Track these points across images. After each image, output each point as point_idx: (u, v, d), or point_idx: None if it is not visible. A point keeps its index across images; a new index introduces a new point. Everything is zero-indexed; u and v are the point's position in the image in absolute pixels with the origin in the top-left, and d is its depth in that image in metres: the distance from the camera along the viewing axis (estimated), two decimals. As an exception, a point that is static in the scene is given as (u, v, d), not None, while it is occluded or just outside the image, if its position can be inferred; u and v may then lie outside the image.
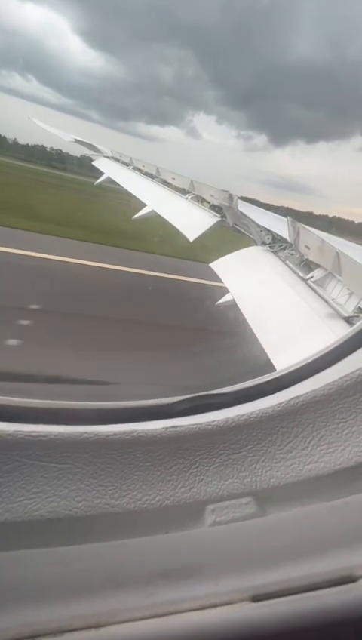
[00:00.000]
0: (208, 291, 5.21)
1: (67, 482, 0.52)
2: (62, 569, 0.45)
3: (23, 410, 0.57)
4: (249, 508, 0.56)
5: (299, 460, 0.60)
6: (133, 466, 0.55)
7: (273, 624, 0.40)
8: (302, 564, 0.45)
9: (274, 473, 0.59)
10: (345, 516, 0.53)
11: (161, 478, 0.56)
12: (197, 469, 0.58)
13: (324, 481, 0.58)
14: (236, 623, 0.39)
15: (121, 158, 8.26)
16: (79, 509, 0.52)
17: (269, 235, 3.78)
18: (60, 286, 6.16)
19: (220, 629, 0.39)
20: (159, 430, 0.57)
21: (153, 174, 6.63)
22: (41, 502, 0.50)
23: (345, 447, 0.59)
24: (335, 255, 2.66)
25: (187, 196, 5.30)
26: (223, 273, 3.51)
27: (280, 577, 0.43)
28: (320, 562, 0.45)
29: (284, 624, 0.40)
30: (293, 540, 0.50)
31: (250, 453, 0.60)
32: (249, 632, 0.39)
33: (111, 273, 7.50)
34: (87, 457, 0.54)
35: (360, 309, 2.37)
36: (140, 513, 0.54)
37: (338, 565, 0.44)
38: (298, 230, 3.24)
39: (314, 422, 0.61)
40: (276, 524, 0.55)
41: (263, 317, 2.67)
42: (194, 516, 0.55)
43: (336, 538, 0.49)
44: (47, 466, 0.52)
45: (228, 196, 4.37)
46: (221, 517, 0.55)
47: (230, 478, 0.58)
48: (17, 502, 0.50)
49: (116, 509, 0.53)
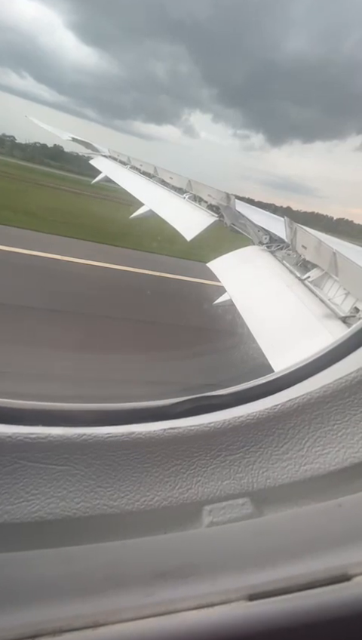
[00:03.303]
0: (205, 291, 5.22)
1: (66, 484, 0.53)
2: (61, 569, 0.45)
3: (22, 412, 0.57)
4: (245, 508, 0.57)
5: (294, 461, 0.60)
6: (131, 467, 0.56)
7: (269, 622, 0.40)
8: (297, 563, 0.45)
9: (271, 474, 0.60)
10: (339, 516, 0.54)
11: (159, 479, 0.57)
12: (195, 470, 0.58)
13: (319, 482, 0.59)
14: (233, 622, 0.40)
15: (119, 157, 8.24)
16: (78, 510, 0.52)
17: (267, 235, 3.79)
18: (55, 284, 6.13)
19: (217, 627, 0.39)
20: (157, 432, 0.58)
21: (151, 173, 6.62)
22: (39, 503, 0.51)
23: (339, 449, 0.60)
24: (332, 255, 2.68)
25: (184, 196, 5.30)
26: (221, 273, 3.52)
27: (276, 576, 0.44)
28: (315, 561, 0.45)
29: (280, 622, 0.40)
30: (289, 540, 0.51)
31: (246, 454, 0.60)
32: (245, 631, 0.40)
33: (109, 272, 7.49)
34: (85, 459, 0.54)
35: (356, 308, 2.39)
36: (138, 514, 0.54)
37: (333, 564, 0.45)
38: (295, 230, 3.25)
39: (309, 423, 0.62)
40: (272, 524, 0.55)
41: (260, 317, 2.68)
42: (191, 517, 0.56)
43: (331, 538, 0.49)
44: (45, 468, 0.52)
45: (225, 196, 4.37)
46: (218, 517, 0.56)
47: (227, 479, 0.59)
48: (16, 503, 0.50)
49: (114, 509, 0.54)
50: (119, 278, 7.27)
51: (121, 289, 6.81)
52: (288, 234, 3.39)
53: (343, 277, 2.61)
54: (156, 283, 7.43)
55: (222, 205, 4.42)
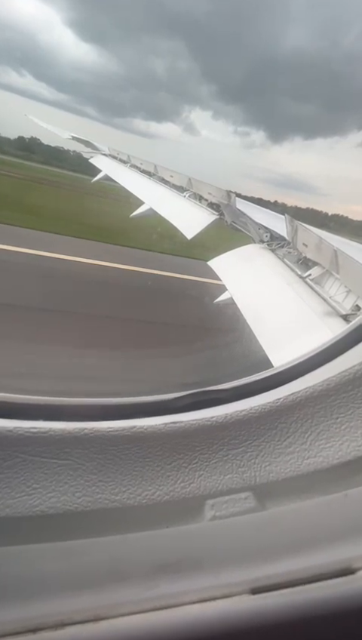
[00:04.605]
0: (206, 289, 5.21)
1: (67, 478, 0.53)
2: (63, 563, 0.45)
3: (23, 407, 0.57)
4: (248, 502, 0.56)
5: (297, 454, 0.60)
6: (133, 461, 0.56)
7: (272, 616, 0.40)
8: (300, 556, 0.45)
9: (273, 468, 0.59)
10: (342, 510, 0.54)
11: (161, 473, 0.56)
12: (197, 464, 0.58)
13: (322, 476, 0.59)
14: (236, 615, 0.40)
15: (119, 155, 8.24)
16: (79, 505, 0.52)
17: (267, 232, 3.78)
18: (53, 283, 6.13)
19: (220, 621, 0.39)
20: (159, 426, 0.57)
21: (151, 172, 6.61)
22: (41, 497, 0.51)
23: (343, 442, 0.59)
24: (332, 253, 2.67)
25: (185, 194, 5.30)
26: (221, 271, 3.52)
27: (278, 570, 0.43)
28: (318, 555, 0.45)
29: (283, 616, 0.40)
30: (292, 534, 0.50)
31: (249, 448, 0.60)
32: (248, 624, 0.39)
33: (109, 271, 7.49)
34: (87, 453, 0.54)
35: (357, 306, 2.39)
36: (140, 508, 0.54)
37: (336, 558, 0.45)
38: (296, 228, 3.24)
39: (312, 417, 0.61)
40: (275, 518, 0.55)
41: (261, 315, 2.68)
42: (193, 511, 0.56)
43: (334, 531, 0.49)
44: (47, 462, 0.52)
45: (225, 194, 4.37)
46: (220, 511, 0.55)
47: (229, 473, 0.58)
48: (18, 497, 0.50)
49: (116, 504, 0.53)
50: (118, 277, 7.27)
51: (121, 288, 6.82)
52: (289, 232, 3.39)
53: (344, 275, 2.60)
54: (156, 282, 7.43)
55: (223, 203, 4.41)
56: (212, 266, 3.64)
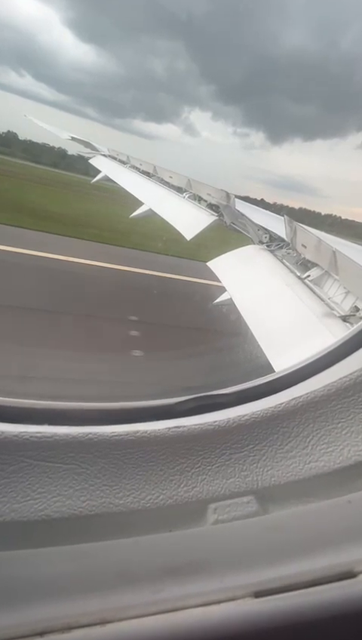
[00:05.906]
0: (205, 290, 5.21)
1: (72, 482, 0.53)
2: (68, 567, 0.46)
3: (28, 412, 0.57)
4: (250, 506, 0.57)
5: (299, 459, 0.61)
6: (136, 465, 0.56)
7: (275, 619, 0.41)
8: (302, 560, 0.46)
9: (275, 472, 0.60)
10: (344, 514, 0.54)
11: (164, 477, 0.57)
12: (200, 468, 0.59)
13: (324, 480, 0.60)
14: (239, 619, 0.40)
15: (118, 156, 8.24)
16: (84, 509, 0.52)
17: (266, 234, 3.79)
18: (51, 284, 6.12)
19: (224, 624, 0.40)
20: (162, 430, 0.58)
21: (150, 173, 6.61)
22: (46, 502, 0.51)
23: (344, 447, 0.60)
24: (331, 254, 2.68)
25: (184, 195, 5.30)
26: (220, 272, 3.52)
27: (281, 574, 0.44)
28: (320, 559, 0.46)
29: (286, 619, 0.41)
30: (294, 538, 0.51)
31: (251, 452, 0.61)
32: (252, 627, 0.40)
33: (108, 271, 7.47)
34: (91, 457, 0.54)
35: (356, 307, 2.39)
36: (144, 512, 0.55)
37: (338, 561, 0.45)
38: (295, 229, 3.25)
39: (314, 422, 0.62)
40: (277, 522, 0.56)
41: (260, 316, 2.69)
42: (197, 515, 0.56)
43: (336, 535, 0.50)
44: (52, 467, 0.53)
45: (225, 195, 4.37)
46: (223, 515, 0.56)
47: (232, 477, 0.59)
48: (23, 502, 0.50)
49: (120, 508, 0.54)
50: (118, 278, 7.26)
51: (120, 289, 6.81)
52: (288, 233, 3.39)
53: (343, 276, 2.61)
54: (155, 283, 7.42)
55: (222, 204, 4.42)
56: (211, 267, 3.64)
